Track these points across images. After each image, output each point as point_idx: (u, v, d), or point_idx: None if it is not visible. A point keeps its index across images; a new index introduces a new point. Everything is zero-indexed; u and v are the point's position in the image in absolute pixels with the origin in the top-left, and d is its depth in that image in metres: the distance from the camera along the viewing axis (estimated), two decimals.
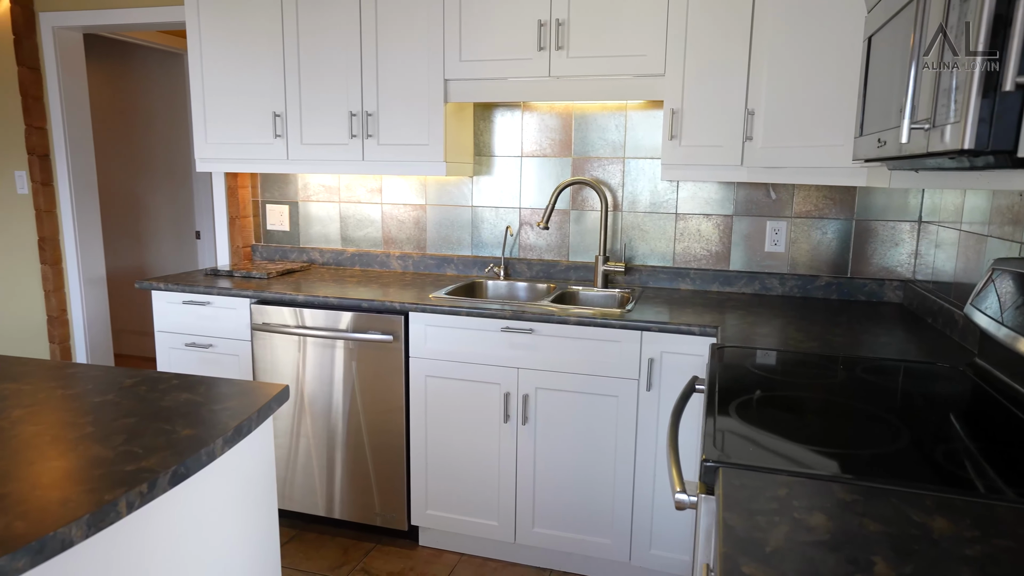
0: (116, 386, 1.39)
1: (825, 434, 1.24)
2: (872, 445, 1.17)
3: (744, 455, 1.08)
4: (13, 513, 0.88)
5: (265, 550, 1.40)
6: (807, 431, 1.25)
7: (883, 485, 0.99)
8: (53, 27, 3.31)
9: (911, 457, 1.13)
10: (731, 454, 1.08)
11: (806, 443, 1.17)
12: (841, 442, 1.19)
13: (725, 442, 1.14)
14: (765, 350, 1.78)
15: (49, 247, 3.47)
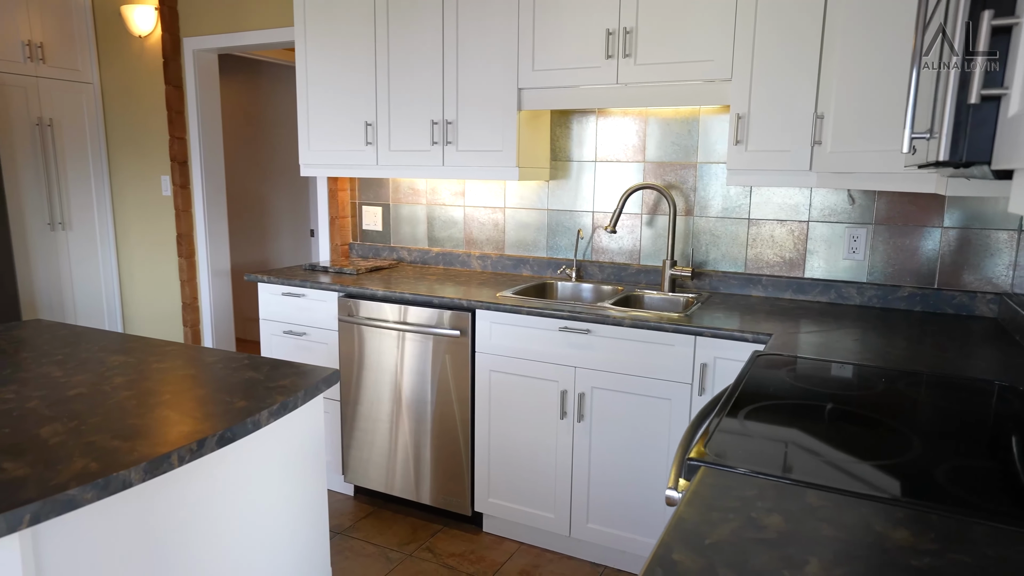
0: (200, 363, 1.63)
1: (832, 443, 1.23)
2: (879, 457, 1.15)
3: (732, 457, 1.11)
4: (92, 456, 1.10)
5: (312, 516, 1.58)
6: (814, 440, 1.24)
7: (859, 495, 0.99)
8: (194, 50, 3.77)
9: (914, 472, 1.11)
10: (720, 455, 1.12)
11: (809, 451, 1.17)
12: (849, 452, 1.18)
13: (720, 443, 1.17)
14: (809, 359, 1.75)
15: (185, 242, 3.96)
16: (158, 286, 4.14)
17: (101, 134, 4.15)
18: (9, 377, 1.51)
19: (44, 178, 3.90)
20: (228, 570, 1.36)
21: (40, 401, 1.35)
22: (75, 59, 3.99)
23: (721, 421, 1.28)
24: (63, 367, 1.58)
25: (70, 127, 4.00)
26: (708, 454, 1.12)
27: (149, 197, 4.06)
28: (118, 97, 4.07)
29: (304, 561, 1.58)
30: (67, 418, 1.26)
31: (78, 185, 4.07)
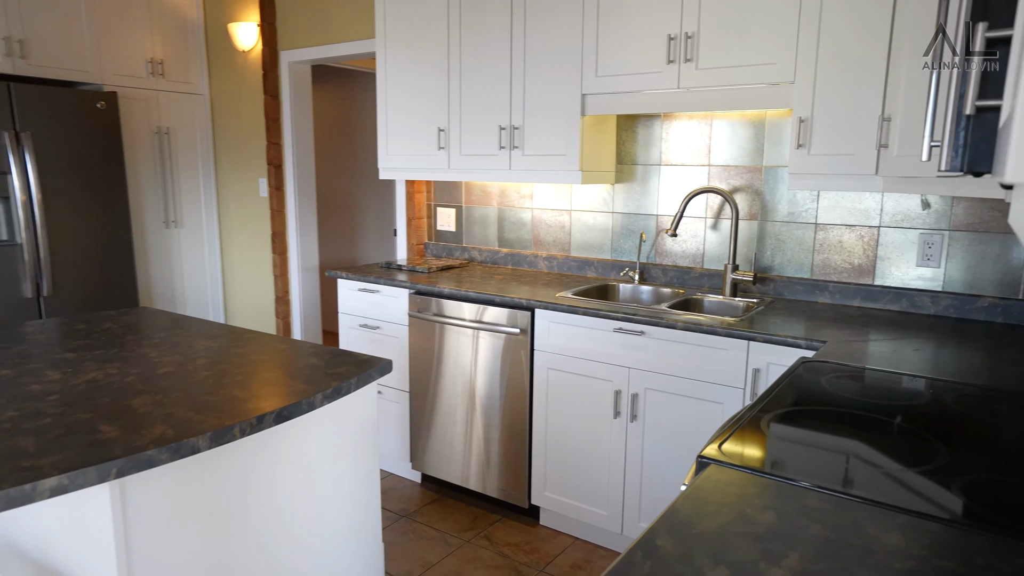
0: (271, 350, 1.81)
1: (852, 450, 1.23)
2: (900, 463, 1.15)
3: (740, 458, 1.14)
4: (169, 424, 1.27)
5: (364, 495, 1.72)
6: (835, 445, 1.25)
7: (862, 499, 1.00)
8: (289, 62, 4.07)
9: (930, 482, 1.10)
10: (729, 454, 1.15)
11: (824, 455, 1.18)
12: (867, 459, 1.18)
13: (734, 444, 1.20)
14: (858, 367, 1.72)
15: (278, 240, 4.28)
16: (255, 280, 4.49)
17: (209, 141, 4.55)
18: (115, 356, 1.74)
19: (160, 181, 4.32)
20: (283, 535, 1.52)
21: (136, 377, 1.56)
22: (189, 73, 4.40)
23: (743, 423, 1.30)
24: (158, 349, 1.80)
25: (183, 135, 4.41)
26: (718, 453, 1.15)
27: (248, 198, 4.42)
28: (224, 107, 4.45)
29: (356, 535, 1.73)
30: (154, 392, 1.46)
31: (189, 187, 4.48)
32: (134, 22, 4.08)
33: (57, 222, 3.71)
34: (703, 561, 0.85)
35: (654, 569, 0.83)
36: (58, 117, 3.68)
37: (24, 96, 3.55)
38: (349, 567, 1.73)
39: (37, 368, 1.62)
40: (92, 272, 3.89)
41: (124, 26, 4.04)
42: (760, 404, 1.41)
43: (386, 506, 2.91)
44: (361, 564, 1.77)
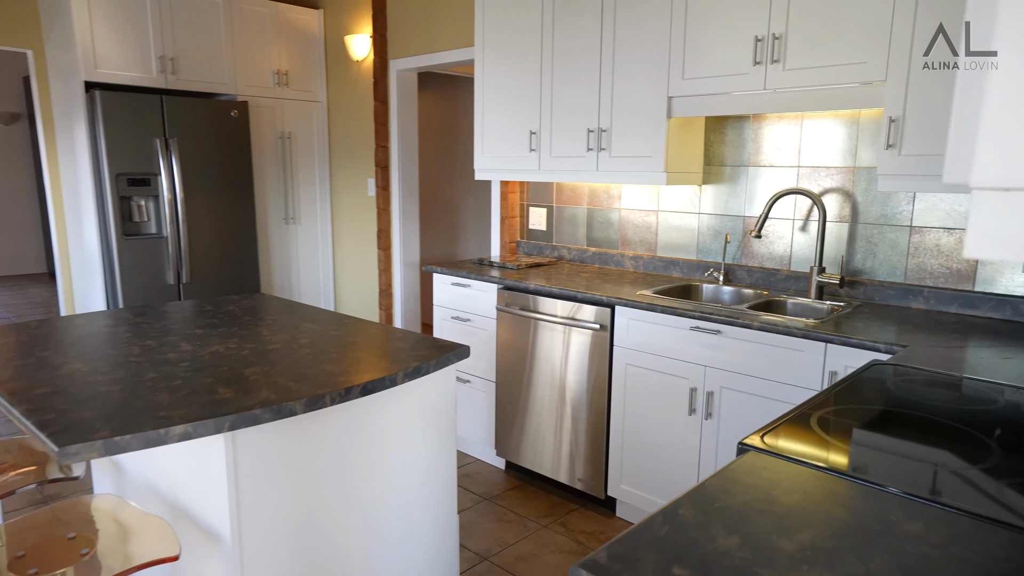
0: (364, 334, 2.01)
1: (892, 446, 1.24)
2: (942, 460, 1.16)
3: (779, 447, 1.19)
4: (273, 390, 1.49)
5: (441, 469, 1.89)
6: (875, 441, 1.26)
7: (891, 490, 1.03)
8: (397, 70, 4.36)
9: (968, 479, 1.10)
10: (771, 443, 1.21)
11: (865, 450, 1.21)
12: (906, 454, 1.20)
13: (778, 435, 1.25)
14: (928, 371, 1.68)
15: (383, 237, 4.58)
16: (361, 273, 4.83)
17: (325, 144, 4.94)
18: (234, 333, 2.00)
19: (282, 181, 4.75)
20: (367, 495, 1.70)
21: (249, 351, 1.80)
22: (309, 83, 4.80)
23: (791, 417, 1.34)
24: (270, 328, 2.05)
25: (303, 139, 4.83)
26: (758, 441, 1.21)
27: (357, 197, 4.76)
28: (338, 113, 4.82)
29: (433, 504, 1.90)
30: (263, 364, 1.69)
31: (306, 187, 4.89)
32: (264, 38, 4.52)
33: (195, 218, 4.19)
34: (718, 530, 0.93)
35: (670, 532, 0.92)
36: (199, 125, 4.15)
37: (173, 107, 4.03)
38: (426, 532, 1.90)
39: (173, 341, 1.91)
40: (222, 263, 4.35)
41: (256, 42, 4.48)
42: (814, 401, 1.44)
43: (471, 489, 3.09)
44: (437, 531, 1.94)
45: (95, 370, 1.63)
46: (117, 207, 3.90)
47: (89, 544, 1.40)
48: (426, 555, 1.90)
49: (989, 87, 0.50)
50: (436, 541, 1.93)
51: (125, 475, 1.86)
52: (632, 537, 0.91)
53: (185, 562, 1.63)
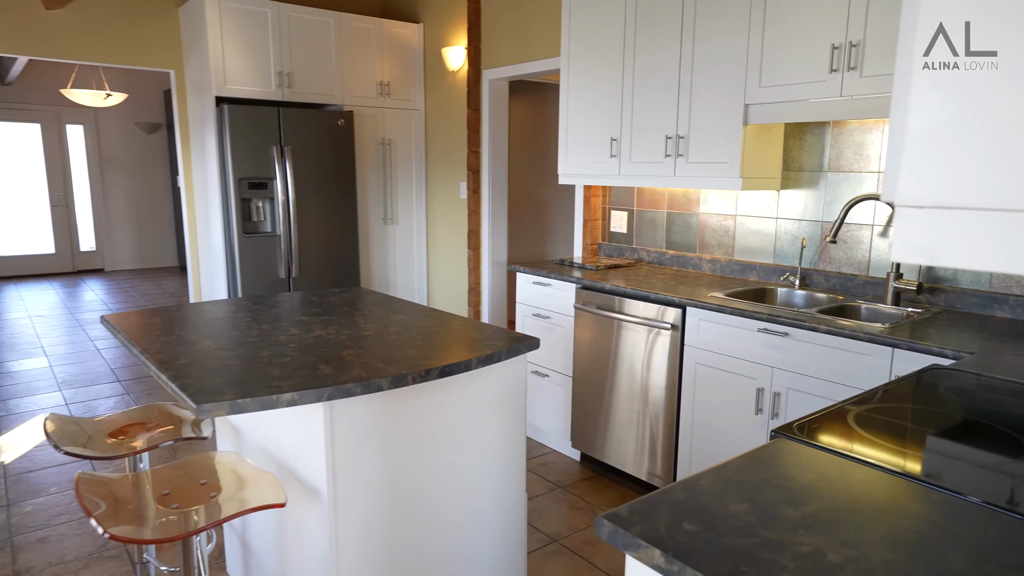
0: (447, 325, 2.23)
1: (918, 440, 1.30)
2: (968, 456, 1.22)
3: (811, 435, 1.29)
4: (364, 369, 1.73)
5: (511, 450, 2.07)
6: (906, 434, 1.33)
7: (903, 476, 1.12)
8: (489, 79, 4.60)
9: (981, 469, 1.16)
10: (801, 431, 1.31)
11: (895, 440, 1.29)
12: (936, 449, 1.26)
13: (812, 426, 1.35)
14: (990, 377, 1.69)
15: (473, 237, 4.84)
16: (453, 271, 5.12)
17: (422, 150, 5.26)
18: (334, 321, 2.28)
19: (381, 184, 5.12)
20: (443, 468, 1.92)
21: (346, 336, 2.06)
22: (409, 92, 5.14)
23: (829, 411, 1.43)
24: (364, 318, 2.32)
25: (402, 145, 5.17)
26: (789, 429, 1.32)
27: (450, 200, 5.05)
28: (435, 120, 5.13)
29: (502, 481, 2.09)
30: (357, 347, 1.94)
31: (404, 190, 5.23)
32: (369, 52, 4.89)
33: (305, 218, 4.60)
34: (731, 498, 1.06)
35: (688, 498, 1.06)
36: (310, 133, 4.56)
37: (288, 117, 4.46)
38: (495, 504, 2.09)
39: (284, 326, 2.20)
40: (327, 259, 4.76)
41: (362, 56, 4.86)
42: (858, 397, 1.51)
43: (546, 477, 3.27)
44: (506, 505, 2.13)
45: (221, 347, 1.94)
46: (239, 208, 4.37)
47: (216, 489, 1.69)
48: (496, 525, 2.10)
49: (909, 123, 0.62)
50: (505, 513, 2.13)
51: (242, 437, 2.17)
52: (653, 499, 1.06)
53: (289, 511, 1.91)
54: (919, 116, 0.61)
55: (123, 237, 9.60)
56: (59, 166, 9.04)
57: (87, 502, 1.54)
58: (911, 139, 0.61)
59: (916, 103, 0.61)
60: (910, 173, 0.61)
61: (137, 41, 4.55)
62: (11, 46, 4.17)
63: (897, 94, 0.64)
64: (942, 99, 0.57)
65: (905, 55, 0.63)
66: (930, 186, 0.60)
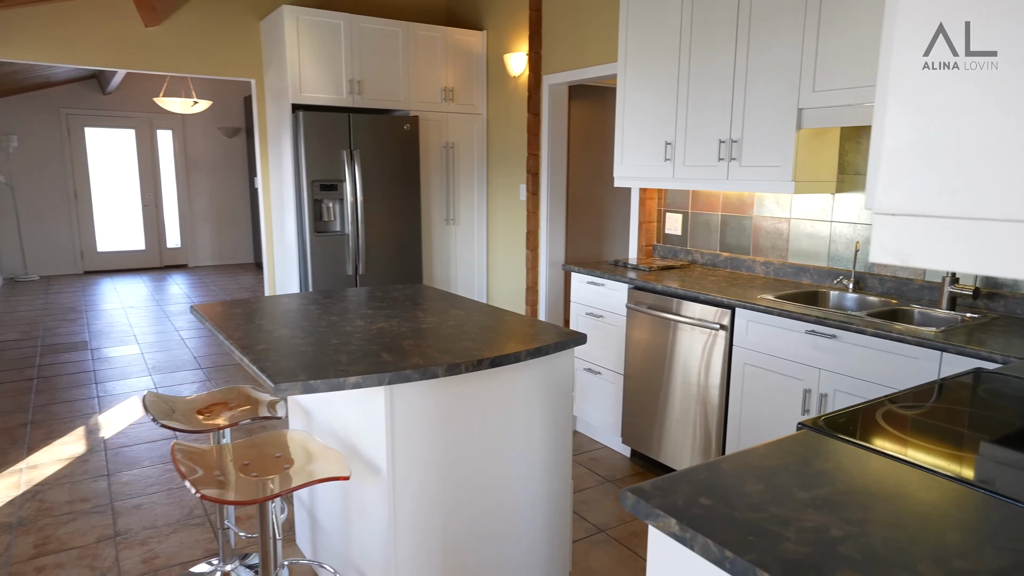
0: (500, 321, 2.38)
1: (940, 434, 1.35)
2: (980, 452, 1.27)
3: (835, 427, 1.36)
4: (421, 357, 1.88)
5: (558, 439, 2.19)
6: (925, 430, 1.38)
7: (920, 466, 1.18)
8: (549, 84, 4.73)
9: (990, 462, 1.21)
10: (826, 424, 1.38)
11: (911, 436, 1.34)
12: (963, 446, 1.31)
13: (838, 420, 1.41)
14: None
15: (532, 238, 4.98)
16: (511, 271, 5.27)
17: (484, 153, 5.44)
18: (396, 314, 2.45)
19: (444, 186, 5.32)
20: (493, 451, 2.06)
21: (407, 328, 2.23)
22: (472, 97, 5.33)
23: (860, 407, 1.49)
24: (425, 311, 2.49)
25: (464, 148, 5.36)
26: (814, 421, 1.39)
27: (510, 201, 5.20)
28: (496, 124, 5.29)
29: (548, 468, 2.21)
30: (416, 338, 2.10)
31: (465, 191, 5.42)
32: (435, 59, 5.10)
33: (371, 218, 4.85)
34: (749, 479, 1.15)
35: (708, 477, 1.16)
36: (377, 137, 4.80)
37: (357, 123, 4.71)
38: (542, 489, 2.22)
39: (350, 318, 2.39)
40: (392, 257, 4.99)
41: (427, 63, 5.07)
42: (891, 396, 1.56)
43: (596, 471, 3.36)
44: (552, 491, 2.25)
45: (295, 335, 2.14)
46: (311, 208, 4.64)
47: (289, 462, 1.88)
48: (542, 509, 2.22)
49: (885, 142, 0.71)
50: (551, 499, 2.25)
51: (312, 418, 2.37)
52: (676, 477, 1.16)
53: (352, 486, 2.09)
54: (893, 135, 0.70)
55: (205, 235, 10.20)
56: (150, 169, 9.71)
57: (182, 466, 1.75)
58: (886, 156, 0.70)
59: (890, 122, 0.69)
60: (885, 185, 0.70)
61: (222, 53, 4.90)
62: (115, 61, 4.58)
63: (877, 107, 0.73)
64: (910, 120, 0.64)
65: (884, 68, 0.71)
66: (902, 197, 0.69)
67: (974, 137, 0.66)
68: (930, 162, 0.64)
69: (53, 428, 3.82)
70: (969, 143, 0.66)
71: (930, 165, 0.64)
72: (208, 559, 2.56)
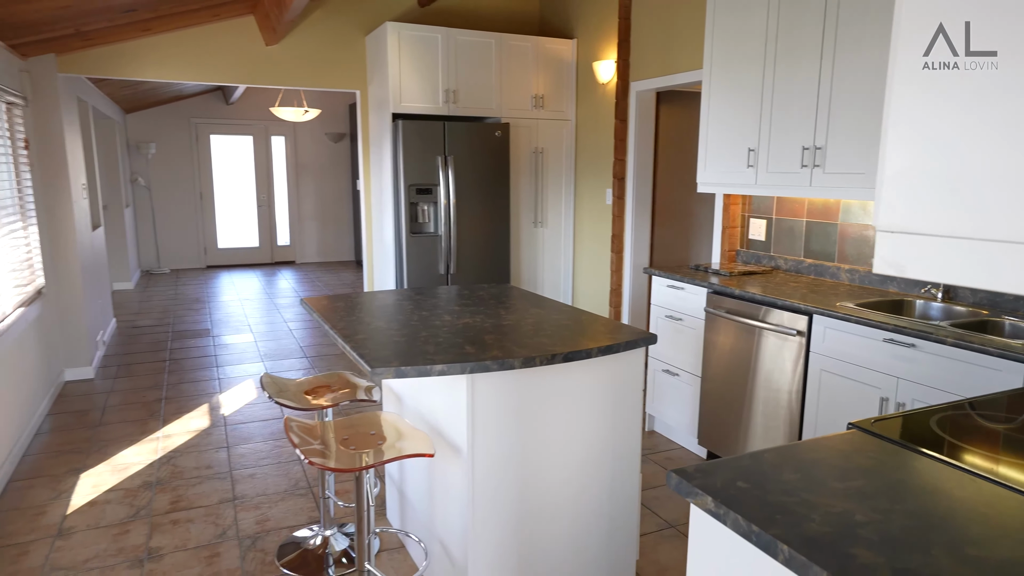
0: (576, 320, 2.53)
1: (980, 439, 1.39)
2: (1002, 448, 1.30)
3: (882, 429, 1.43)
4: (501, 350, 2.07)
5: (627, 429, 2.33)
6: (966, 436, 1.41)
7: (956, 467, 1.24)
8: (637, 91, 4.82)
9: None
10: (874, 425, 1.45)
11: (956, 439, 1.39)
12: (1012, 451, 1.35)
13: (887, 421, 1.48)
14: None
15: (616, 241, 5.08)
16: (596, 273, 5.39)
17: (571, 158, 5.59)
18: (480, 311, 2.66)
19: (533, 190, 5.51)
20: (563, 438, 2.22)
21: (490, 324, 2.43)
22: (561, 104, 5.49)
23: (915, 412, 1.54)
24: (507, 309, 2.68)
25: (552, 153, 5.54)
26: (863, 422, 1.46)
27: (596, 205, 5.32)
28: (584, 130, 5.43)
29: (617, 460, 2.35)
30: (498, 333, 2.30)
31: (553, 195, 5.59)
32: (526, 67, 5.30)
33: (463, 221, 5.11)
34: (787, 468, 1.26)
35: (749, 465, 1.28)
36: (470, 144, 5.06)
37: (451, 130, 4.99)
38: (610, 479, 2.35)
39: (439, 313, 2.62)
40: (481, 258, 5.24)
41: (519, 71, 5.28)
42: (950, 404, 1.60)
43: None
44: (620, 482, 2.38)
45: (389, 327, 2.38)
46: (407, 211, 4.96)
47: (382, 439, 2.12)
48: (609, 499, 2.36)
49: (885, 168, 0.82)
50: (619, 490, 2.38)
51: (403, 402, 2.62)
52: (719, 463, 1.29)
53: (437, 463, 2.31)
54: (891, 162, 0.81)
55: (311, 234, 10.93)
56: (264, 172, 10.52)
57: (294, 436, 2.03)
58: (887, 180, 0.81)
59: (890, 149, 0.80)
60: (885, 207, 0.81)
61: (332, 67, 5.32)
62: (240, 76, 5.08)
63: (883, 122, 0.82)
64: (906, 147, 0.73)
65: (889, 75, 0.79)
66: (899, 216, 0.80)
67: (966, 163, 0.73)
68: (920, 189, 0.73)
69: (182, 404, 4.32)
70: (960, 169, 0.73)
71: (920, 191, 0.73)
72: (310, 525, 2.87)
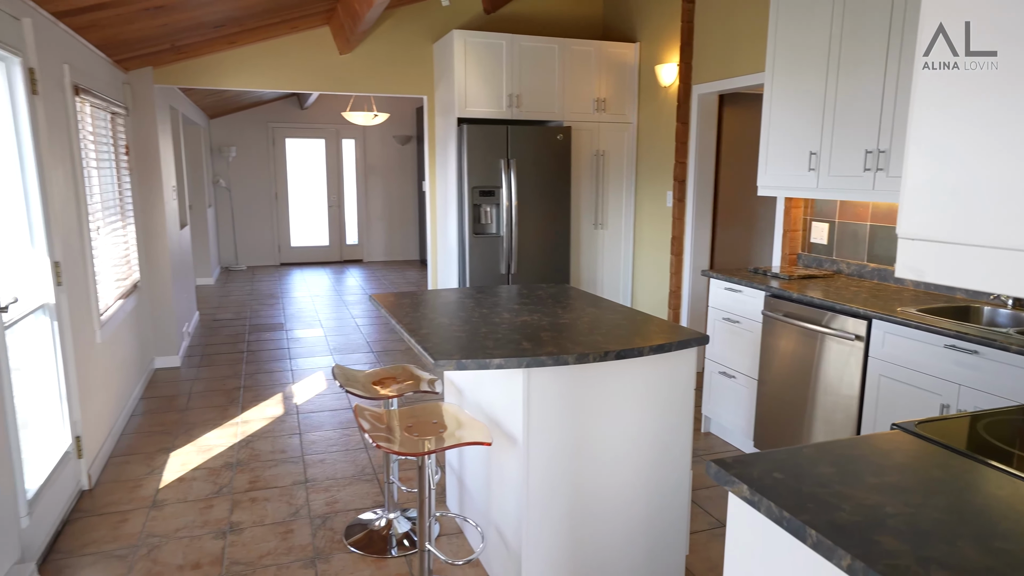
0: (631, 319, 2.61)
1: None
2: None
3: (927, 430, 1.47)
4: (556, 346, 2.18)
5: (679, 429, 2.39)
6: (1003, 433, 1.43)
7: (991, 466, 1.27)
8: (699, 94, 4.83)
9: None
10: (918, 427, 1.48)
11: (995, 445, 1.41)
12: None
13: (934, 423, 1.51)
14: None
15: (676, 244, 5.10)
16: (655, 275, 5.42)
17: (632, 160, 5.63)
18: (538, 310, 2.78)
19: (594, 192, 5.59)
20: (614, 432, 2.31)
21: (546, 322, 2.54)
22: (623, 107, 5.55)
23: (964, 416, 1.56)
24: (564, 309, 2.78)
25: (614, 156, 5.59)
26: (907, 423, 1.50)
27: (656, 208, 5.35)
28: (646, 133, 5.47)
29: (667, 456, 2.41)
30: (554, 331, 2.40)
31: (614, 197, 5.65)
32: (588, 72, 5.39)
33: (524, 222, 5.24)
34: (824, 462, 1.32)
35: (787, 458, 1.34)
36: (532, 147, 5.18)
37: (514, 134, 5.13)
38: (661, 475, 2.42)
39: (499, 311, 2.75)
40: (542, 258, 5.35)
41: (581, 76, 5.37)
42: (1003, 409, 1.61)
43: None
44: (670, 478, 2.45)
45: (451, 323, 2.53)
46: (471, 212, 5.13)
47: (443, 427, 2.26)
48: (659, 491, 2.43)
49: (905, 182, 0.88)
50: (668, 486, 2.45)
51: (463, 394, 2.76)
52: (758, 455, 1.36)
53: (494, 452, 2.44)
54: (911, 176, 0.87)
55: (377, 233, 11.30)
56: (335, 174, 10.95)
57: (363, 422, 2.19)
58: (908, 192, 0.87)
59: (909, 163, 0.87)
60: (906, 216, 0.87)
61: (401, 74, 5.54)
62: (316, 84, 5.37)
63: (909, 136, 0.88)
64: (924, 163, 0.78)
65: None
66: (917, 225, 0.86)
67: (979, 177, 0.78)
68: (930, 197, 0.78)
69: (259, 392, 4.61)
70: (974, 183, 0.78)
71: (937, 204, 0.78)
72: (375, 508, 3.05)
